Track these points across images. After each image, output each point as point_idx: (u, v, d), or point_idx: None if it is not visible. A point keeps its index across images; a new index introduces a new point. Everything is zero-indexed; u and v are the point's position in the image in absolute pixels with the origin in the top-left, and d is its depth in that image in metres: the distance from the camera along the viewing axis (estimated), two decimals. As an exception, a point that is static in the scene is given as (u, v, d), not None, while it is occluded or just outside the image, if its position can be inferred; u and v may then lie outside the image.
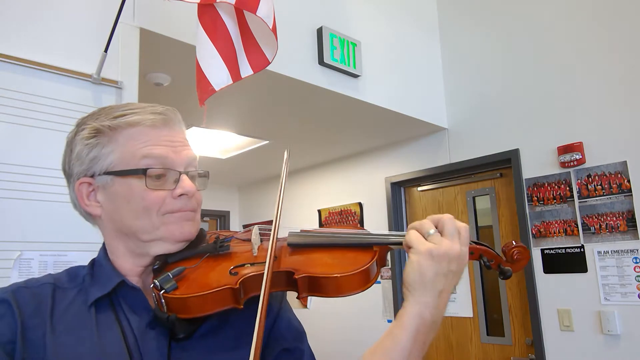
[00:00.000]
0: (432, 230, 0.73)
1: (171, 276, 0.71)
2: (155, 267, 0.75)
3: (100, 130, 0.76)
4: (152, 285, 0.71)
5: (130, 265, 0.78)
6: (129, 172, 0.75)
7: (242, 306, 0.71)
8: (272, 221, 0.74)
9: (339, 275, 0.71)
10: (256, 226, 0.84)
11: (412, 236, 0.74)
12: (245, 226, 5.45)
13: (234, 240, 0.84)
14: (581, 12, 2.97)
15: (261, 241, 0.83)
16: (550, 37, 3.09)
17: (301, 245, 0.80)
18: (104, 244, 0.81)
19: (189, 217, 0.78)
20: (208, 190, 0.83)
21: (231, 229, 4.83)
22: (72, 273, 0.80)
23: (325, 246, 0.80)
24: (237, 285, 0.70)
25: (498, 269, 0.80)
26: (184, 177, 0.77)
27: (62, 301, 0.74)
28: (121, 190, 0.75)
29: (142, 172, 0.74)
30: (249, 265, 0.75)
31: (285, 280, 0.74)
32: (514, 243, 0.80)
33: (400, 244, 0.77)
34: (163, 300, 0.70)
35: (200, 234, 0.82)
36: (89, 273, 0.79)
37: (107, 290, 0.74)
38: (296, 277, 0.72)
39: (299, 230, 0.85)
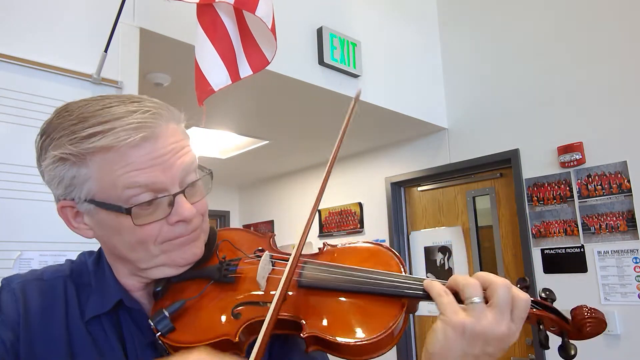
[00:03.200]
0: (478, 299, 0.58)
1: (167, 315, 0.65)
2: (158, 289, 0.69)
3: (64, 159, 0.63)
4: (149, 323, 0.65)
5: (132, 282, 0.72)
6: (112, 208, 0.63)
7: (244, 354, 0.63)
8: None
9: (353, 343, 0.60)
10: (267, 253, 0.72)
11: (444, 301, 0.59)
12: (245, 226, 5.45)
13: (242, 263, 0.73)
14: (581, 13, 2.96)
15: (273, 265, 0.71)
16: (550, 37, 3.09)
17: (315, 288, 0.67)
18: None
19: (192, 238, 0.69)
20: (208, 190, 0.78)
21: (232, 226, 4.76)
22: (83, 263, 0.75)
23: (344, 291, 0.66)
24: (237, 339, 0.63)
25: (561, 339, 0.62)
26: (180, 200, 0.65)
27: (77, 298, 0.70)
28: (108, 221, 0.65)
29: (127, 212, 0.62)
30: (255, 304, 0.67)
31: (293, 326, 0.64)
32: (589, 312, 0.62)
33: None
34: (160, 342, 0.65)
35: (210, 239, 0.74)
36: (94, 271, 0.74)
37: (105, 309, 0.69)
38: (303, 335, 0.62)
39: (315, 250, 0.74)
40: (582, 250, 2.83)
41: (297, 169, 4.81)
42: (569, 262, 2.86)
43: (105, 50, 1.78)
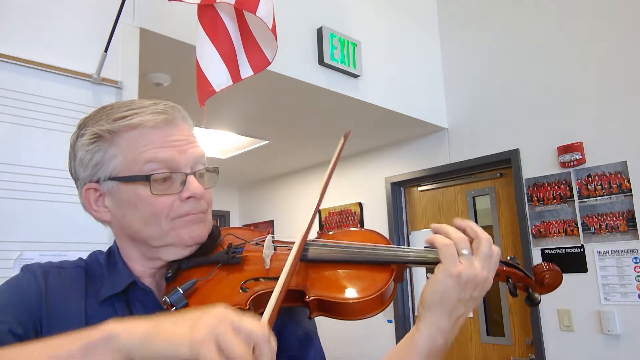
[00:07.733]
0: (467, 251, 0.69)
1: (181, 292, 0.71)
2: (169, 275, 0.75)
3: (100, 135, 0.74)
4: (163, 300, 0.71)
5: (142, 268, 0.78)
6: (133, 179, 0.73)
7: None
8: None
9: (352, 301, 0.69)
10: (269, 236, 0.82)
11: (447, 251, 0.68)
12: (245, 225, 5.45)
13: (247, 248, 0.81)
14: (581, 12, 2.97)
15: (275, 249, 0.80)
16: (550, 37, 3.09)
17: (315, 261, 0.76)
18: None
19: (199, 219, 0.76)
20: (208, 190, 0.81)
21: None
22: (95, 259, 0.80)
23: (340, 262, 0.76)
24: (247, 307, 0.69)
25: (526, 293, 0.74)
26: (191, 179, 0.75)
27: (92, 287, 0.75)
28: (127, 196, 0.74)
29: (146, 179, 0.72)
30: (260, 279, 0.74)
31: (296, 297, 0.71)
32: (547, 266, 0.73)
33: (422, 263, 0.73)
34: None
35: (214, 233, 0.81)
36: (106, 265, 0.79)
37: (118, 289, 0.74)
38: (307, 299, 0.70)
39: (313, 238, 0.81)
40: (582, 250, 2.83)
41: (297, 169, 4.81)
42: (569, 262, 2.86)
43: (105, 50, 1.78)
